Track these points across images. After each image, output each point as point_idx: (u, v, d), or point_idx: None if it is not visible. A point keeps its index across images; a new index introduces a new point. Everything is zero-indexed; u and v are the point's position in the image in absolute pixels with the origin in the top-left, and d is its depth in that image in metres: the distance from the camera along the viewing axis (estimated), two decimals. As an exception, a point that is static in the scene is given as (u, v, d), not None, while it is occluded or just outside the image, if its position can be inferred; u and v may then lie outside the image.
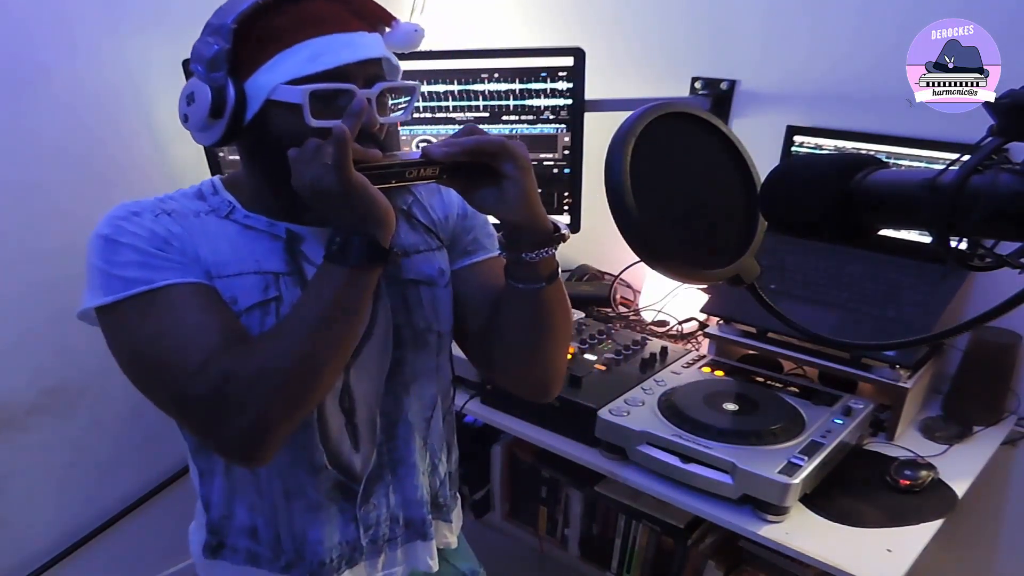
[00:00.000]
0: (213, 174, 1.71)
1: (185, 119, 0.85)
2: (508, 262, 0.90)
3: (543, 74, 1.68)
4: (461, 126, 0.87)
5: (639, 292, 1.90)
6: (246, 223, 0.89)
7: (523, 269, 0.89)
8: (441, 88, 1.71)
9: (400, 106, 0.97)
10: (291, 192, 0.80)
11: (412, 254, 0.98)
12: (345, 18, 0.83)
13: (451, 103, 1.72)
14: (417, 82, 0.92)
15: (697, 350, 1.62)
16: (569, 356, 1.45)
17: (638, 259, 0.62)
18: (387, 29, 0.88)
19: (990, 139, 0.45)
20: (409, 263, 0.97)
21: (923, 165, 1.50)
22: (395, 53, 0.89)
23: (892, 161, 1.51)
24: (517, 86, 1.69)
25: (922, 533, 1.17)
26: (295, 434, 0.89)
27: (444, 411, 1.07)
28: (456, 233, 1.03)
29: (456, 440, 1.13)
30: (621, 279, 1.88)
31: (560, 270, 0.92)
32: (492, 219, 0.97)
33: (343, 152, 0.75)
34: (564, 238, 0.89)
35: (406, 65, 0.91)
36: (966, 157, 0.45)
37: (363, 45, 0.83)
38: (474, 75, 1.70)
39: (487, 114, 1.72)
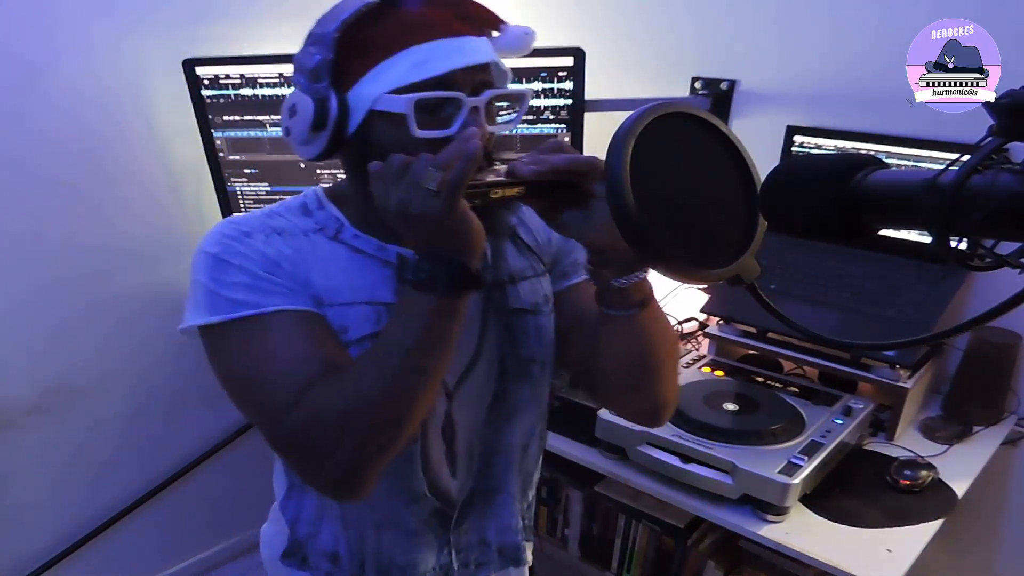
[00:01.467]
0: (213, 174, 1.69)
1: (287, 132, 0.81)
2: (598, 289, 0.84)
3: (543, 74, 1.68)
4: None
5: (639, 292, 1.90)
6: (355, 245, 0.86)
7: (614, 296, 0.82)
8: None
9: (511, 111, 0.87)
10: None
11: (519, 280, 0.92)
12: (450, 22, 0.78)
13: (451, 103, 1.72)
14: (528, 89, 0.87)
15: (697, 350, 1.62)
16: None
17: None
18: (495, 33, 0.83)
19: (990, 139, 0.45)
20: (515, 291, 0.92)
21: (923, 165, 1.50)
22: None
23: (892, 161, 1.51)
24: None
25: (922, 533, 1.18)
26: (396, 465, 0.86)
27: (540, 437, 1.03)
28: (557, 254, 0.97)
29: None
30: (621, 279, 1.88)
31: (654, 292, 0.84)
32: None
33: (463, 179, 0.69)
34: None
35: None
36: (966, 157, 0.44)
37: (470, 51, 0.78)
38: (474, 75, 1.69)
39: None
